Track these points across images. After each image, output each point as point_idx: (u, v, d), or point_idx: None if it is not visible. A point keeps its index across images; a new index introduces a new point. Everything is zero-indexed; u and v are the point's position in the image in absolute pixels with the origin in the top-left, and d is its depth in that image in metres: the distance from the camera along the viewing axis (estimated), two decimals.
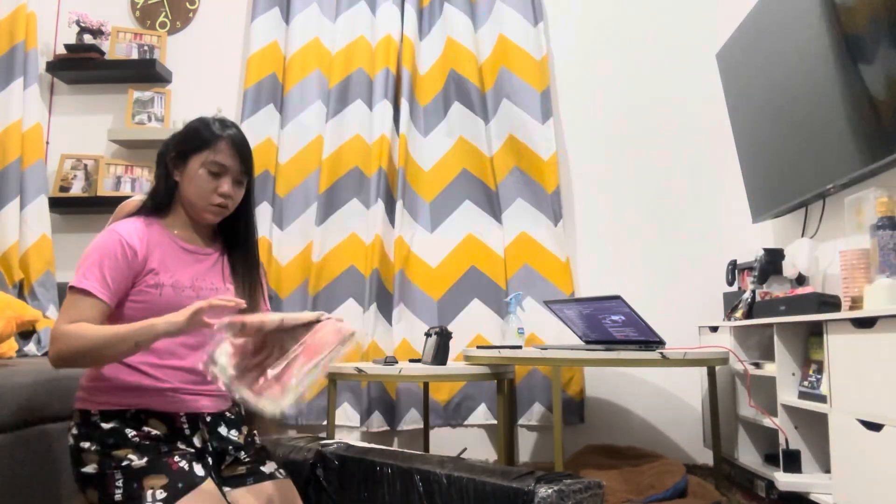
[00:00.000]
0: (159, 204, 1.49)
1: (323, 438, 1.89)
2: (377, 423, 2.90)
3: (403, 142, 3.07)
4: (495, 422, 2.94)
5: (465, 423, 2.97)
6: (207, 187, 1.44)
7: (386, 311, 2.99)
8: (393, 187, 3.06)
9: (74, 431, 1.37)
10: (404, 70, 3.09)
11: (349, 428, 2.94)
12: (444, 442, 2.97)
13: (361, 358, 2.91)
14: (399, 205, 3.05)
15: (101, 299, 1.33)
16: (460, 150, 3.10)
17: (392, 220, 3.05)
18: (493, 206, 3.07)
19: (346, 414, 2.94)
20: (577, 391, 2.92)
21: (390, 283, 3.01)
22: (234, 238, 1.56)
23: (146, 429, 1.37)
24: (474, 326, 3.00)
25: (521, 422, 2.92)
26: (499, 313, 3.00)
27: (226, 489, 1.44)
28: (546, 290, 2.95)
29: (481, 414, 2.96)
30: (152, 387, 1.39)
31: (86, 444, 1.34)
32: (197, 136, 1.47)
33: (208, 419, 1.48)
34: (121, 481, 1.30)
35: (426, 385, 2.89)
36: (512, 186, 3.05)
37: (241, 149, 1.47)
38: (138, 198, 1.56)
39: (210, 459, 1.45)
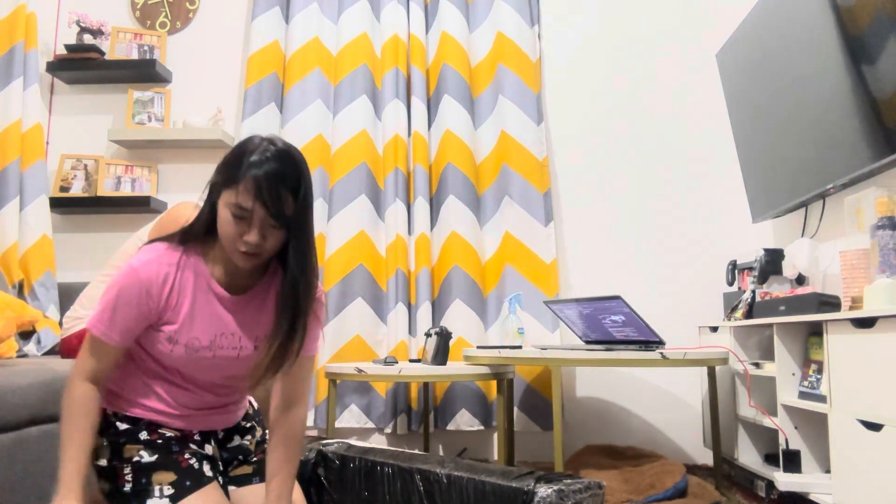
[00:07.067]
0: (204, 231, 1.31)
1: (324, 438, 1.90)
2: (379, 423, 2.91)
3: (421, 141, 3.04)
4: (483, 427, 2.90)
5: (459, 427, 2.92)
6: (232, 232, 1.22)
7: (381, 311, 3.00)
8: (410, 188, 3.05)
9: None
10: (414, 69, 3.08)
11: (359, 429, 2.94)
12: (443, 443, 2.97)
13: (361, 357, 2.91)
14: (418, 203, 3.00)
15: (114, 346, 1.28)
16: (447, 145, 3.02)
17: (409, 221, 3.03)
18: (478, 204, 3.02)
19: (353, 415, 2.93)
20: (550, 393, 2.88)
21: (384, 282, 3.01)
22: (281, 277, 1.33)
23: (161, 431, 1.36)
24: (459, 328, 2.92)
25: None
26: (480, 315, 2.94)
27: (231, 488, 1.44)
28: (528, 291, 2.93)
29: (469, 418, 2.90)
30: (167, 411, 1.37)
31: (98, 440, 1.34)
32: (228, 167, 1.23)
33: (220, 436, 1.48)
34: (130, 475, 1.31)
35: (426, 385, 2.89)
36: (500, 185, 3.03)
37: (270, 192, 1.18)
38: (193, 204, 1.38)
39: (220, 462, 1.46)
